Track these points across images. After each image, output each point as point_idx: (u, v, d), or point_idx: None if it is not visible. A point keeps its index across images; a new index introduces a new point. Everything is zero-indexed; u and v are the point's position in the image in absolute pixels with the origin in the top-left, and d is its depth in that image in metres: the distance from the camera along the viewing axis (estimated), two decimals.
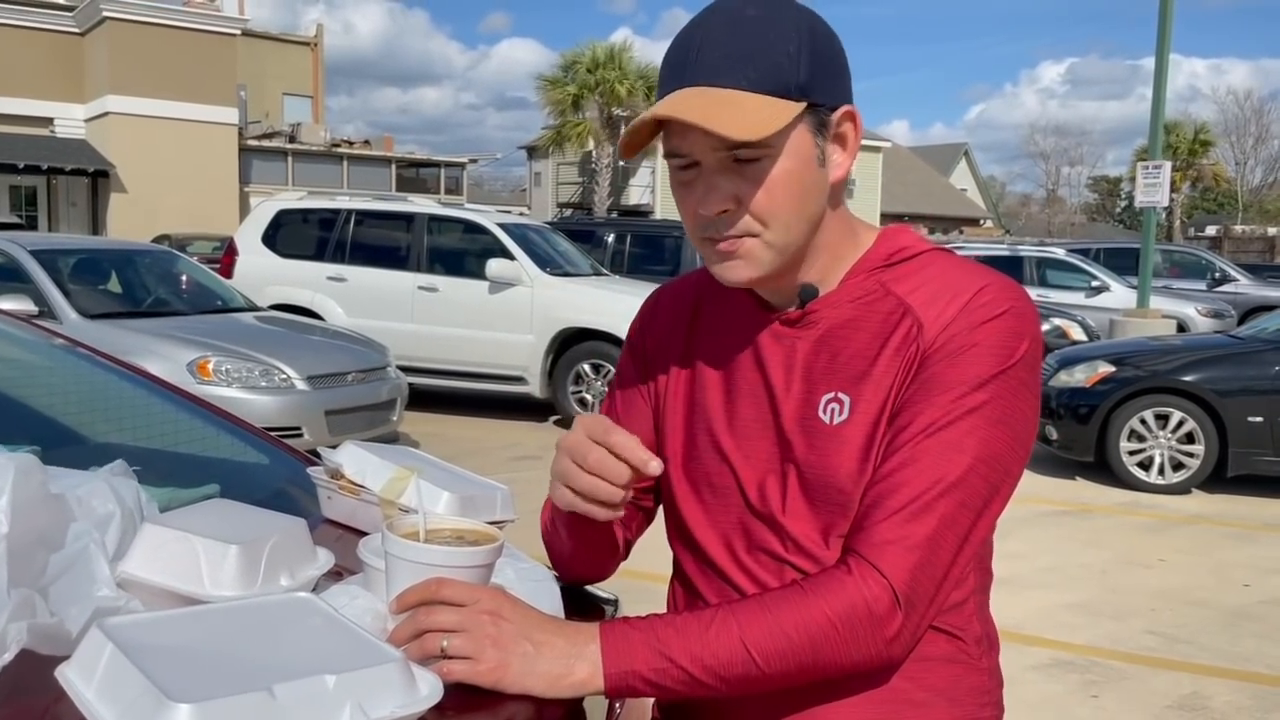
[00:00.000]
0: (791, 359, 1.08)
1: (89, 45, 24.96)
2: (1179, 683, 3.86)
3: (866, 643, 0.96)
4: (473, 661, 0.94)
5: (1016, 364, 1.00)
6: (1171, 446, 6.85)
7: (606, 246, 11.43)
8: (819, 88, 1.00)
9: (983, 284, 1.03)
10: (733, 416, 1.12)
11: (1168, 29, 10.80)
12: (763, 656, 0.95)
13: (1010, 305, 1.01)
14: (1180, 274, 16.97)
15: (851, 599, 0.96)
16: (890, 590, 0.96)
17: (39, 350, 2.20)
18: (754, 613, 0.97)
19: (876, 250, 1.09)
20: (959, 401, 0.98)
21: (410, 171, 30.91)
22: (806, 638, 0.96)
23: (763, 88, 0.97)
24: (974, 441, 0.98)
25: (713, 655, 0.96)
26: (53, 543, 1.00)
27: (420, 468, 1.33)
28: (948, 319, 1.01)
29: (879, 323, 1.05)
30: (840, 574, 0.98)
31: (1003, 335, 1.00)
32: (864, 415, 1.03)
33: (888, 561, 0.96)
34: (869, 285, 1.07)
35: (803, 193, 1.01)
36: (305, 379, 6.25)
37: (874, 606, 0.96)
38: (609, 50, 28.06)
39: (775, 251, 1.03)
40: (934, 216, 41.03)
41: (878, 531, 0.97)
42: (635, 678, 0.96)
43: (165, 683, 0.78)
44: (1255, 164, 52.36)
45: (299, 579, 1.10)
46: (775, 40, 0.98)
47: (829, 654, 0.96)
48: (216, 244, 18.05)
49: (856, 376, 1.04)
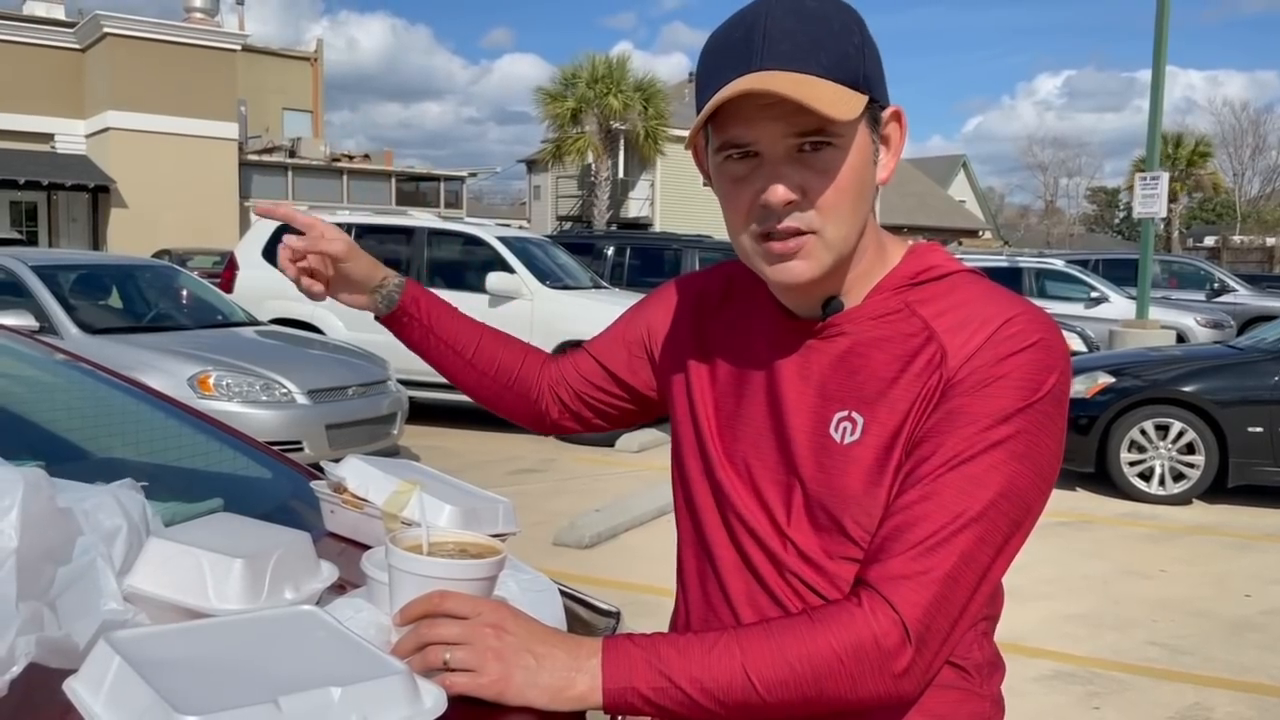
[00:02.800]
0: (807, 370, 1.06)
1: (90, 61, 25.04)
2: (1181, 694, 3.86)
3: (873, 678, 0.94)
4: (475, 674, 0.94)
5: (1043, 398, 0.97)
6: (1172, 457, 6.85)
7: (606, 259, 11.44)
8: (876, 84, 0.99)
9: (1011, 314, 0.99)
10: (735, 416, 1.11)
11: (1164, 41, 10.84)
12: (764, 685, 0.94)
13: (1039, 337, 0.98)
14: (1179, 284, 16.99)
15: (859, 632, 0.94)
16: (901, 625, 0.93)
17: (41, 366, 2.21)
18: (758, 640, 0.95)
19: (904, 267, 1.07)
20: (983, 435, 0.96)
21: (410, 185, 30.95)
22: (810, 669, 0.94)
23: (836, 75, 0.94)
24: (997, 477, 0.95)
25: (713, 679, 0.94)
26: (60, 556, 1.01)
27: (422, 481, 1.34)
28: (973, 349, 0.98)
29: (901, 344, 1.02)
30: (850, 606, 0.95)
31: (1030, 368, 0.97)
32: (876, 437, 1.01)
33: (901, 596, 0.94)
34: (893, 304, 1.05)
35: (861, 190, 1.00)
36: (306, 393, 6.26)
37: (882, 641, 0.93)
38: (608, 64, 28.14)
39: (833, 252, 1.00)
40: (933, 228, 41.07)
41: (893, 565, 0.95)
42: (634, 695, 0.95)
43: (172, 696, 0.79)
44: (1253, 174, 52.51)
45: (303, 592, 1.11)
46: (840, 31, 0.97)
47: (833, 687, 0.94)
48: (217, 258, 18.05)
49: (872, 397, 1.02)
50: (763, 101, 0.93)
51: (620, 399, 1.32)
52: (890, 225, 37.04)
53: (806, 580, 1.04)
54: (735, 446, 1.11)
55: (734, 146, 0.98)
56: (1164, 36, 10.83)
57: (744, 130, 0.97)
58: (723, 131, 0.98)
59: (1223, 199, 46.26)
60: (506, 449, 8.34)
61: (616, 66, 28.17)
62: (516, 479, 7.21)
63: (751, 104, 0.94)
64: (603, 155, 28.67)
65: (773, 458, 1.07)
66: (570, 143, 28.51)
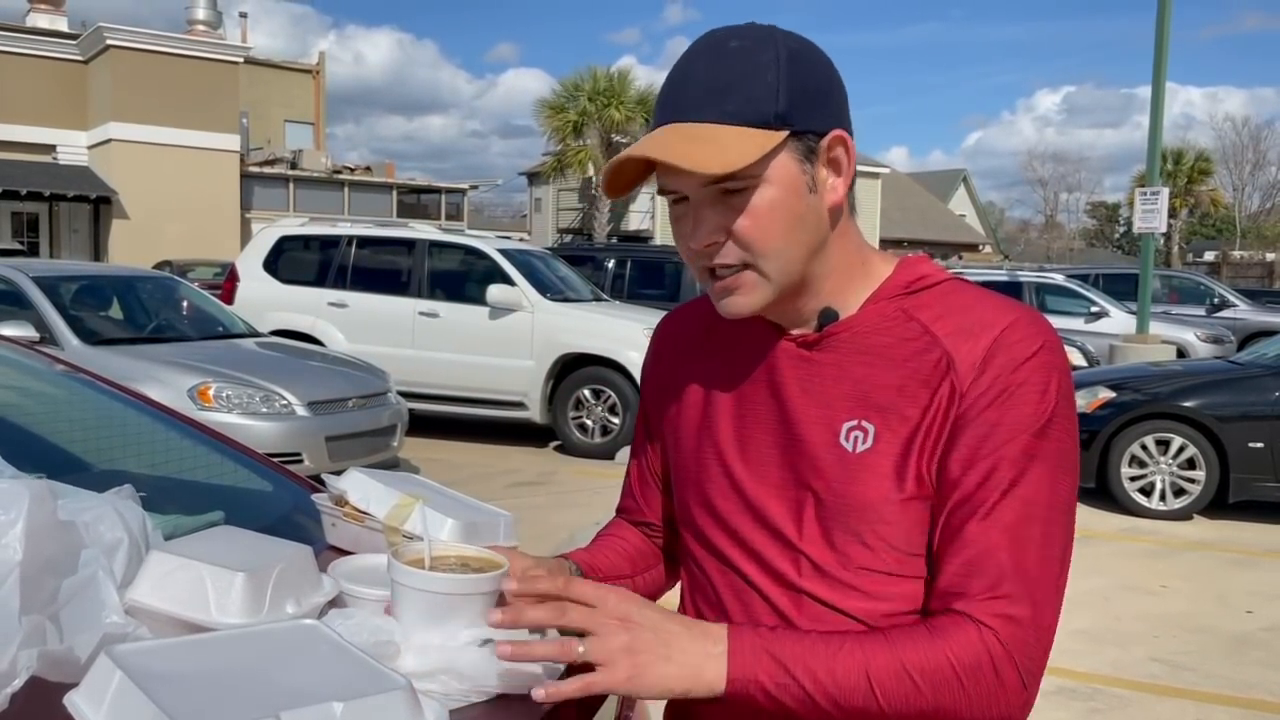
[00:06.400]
0: (810, 382, 1.07)
1: (92, 73, 25.12)
2: (1183, 710, 3.85)
3: (987, 702, 0.94)
4: (608, 670, 0.93)
5: (1061, 401, 1.00)
6: (1173, 472, 6.84)
7: (607, 272, 11.45)
8: (801, 115, 1.00)
9: (1011, 318, 1.02)
10: (744, 441, 1.11)
11: (1164, 57, 10.88)
12: (884, 693, 0.94)
13: (1044, 339, 1.01)
14: (1179, 299, 17.00)
15: (979, 656, 0.94)
16: (1014, 663, 0.95)
17: (41, 377, 2.21)
18: (880, 647, 0.95)
19: (896, 278, 1.09)
20: (1026, 452, 0.98)
21: (411, 197, 30.99)
22: (929, 682, 0.94)
23: (739, 119, 0.98)
24: (1054, 496, 0.98)
25: (835, 682, 0.94)
26: (63, 569, 1.01)
27: (424, 494, 1.33)
28: (981, 355, 1.00)
29: (904, 351, 1.04)
30: (965, 626, 0.95)
31: (1044, 370, 0.99)
32: (889, 444, 1.02)
33: (1010, 634, 0.95)
34: (890, 311, 1.07)
35: (792, 220, 1.01)
36: (306, 405, 6.26)
37: (1000, 668, 0.94)
38: (609, 77, 28.22)
39: (772, 282, 1.03)
40: (933, 242, 41.13)
41: (998, 604, 0.96)
42: (756, 686, 0.94)
43: (173, 710, 0.78)
44: (1253, 190, 52.64)
45: (305, 606, 1.11)
46: (752, 71, 0.99)
47: (950, 704, 0.94)
48: (218, 270, 18.08)
49: (882, 405, 1.03)
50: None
51: None
52: (891, 239, 37.26)
53: (819, 596, 1.04)
54: (746, 470, 1.10)
55: (666, 192, 1.04)
56: (1164, 53, 10.87)
57: (667, 179, 1.03)
58: (658, 178, 1.05)
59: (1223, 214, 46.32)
60: (506, 461, 8.33)
61: (618, 79, 28.25)
62: (516, 492, 7.20)
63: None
64: (604, 168, 28.67)
65: (777, 474, 1.08)
66: (572, 155, 28.57)
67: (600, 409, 8.58)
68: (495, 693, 1.03)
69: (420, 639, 1.02)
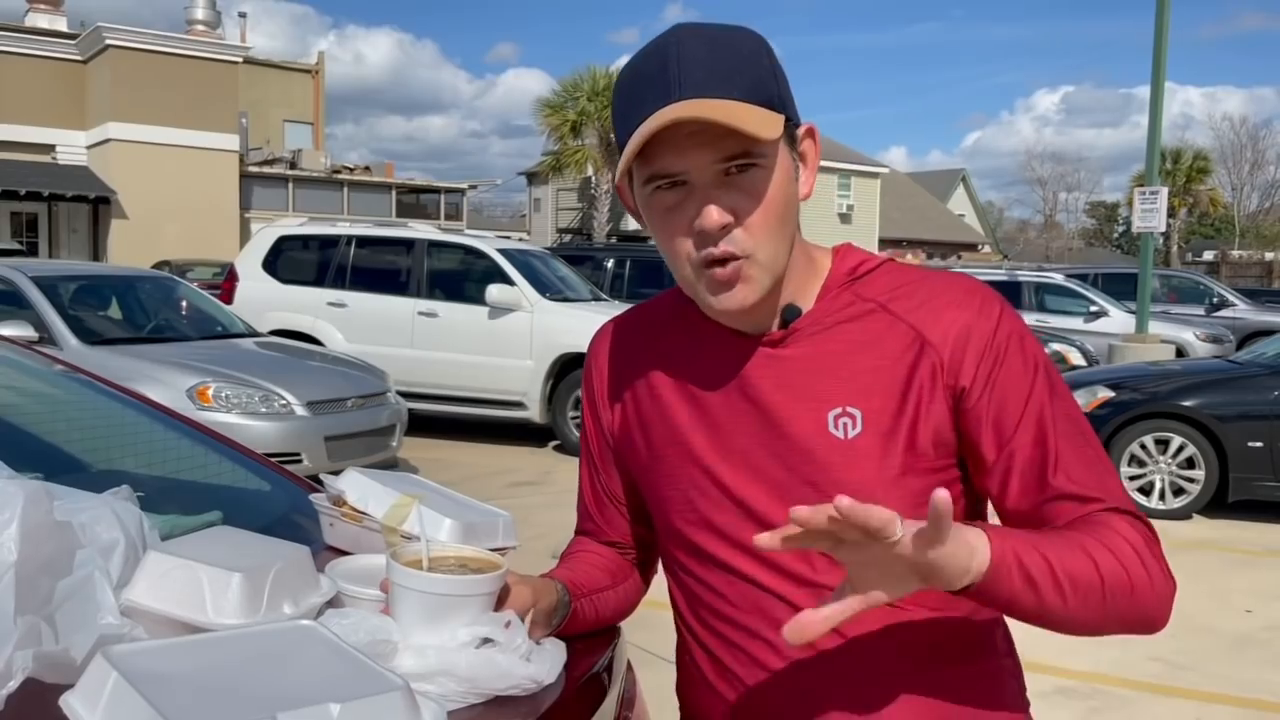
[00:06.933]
0: (784, 379, 1.07)
1: (91, 72, 25.11)
2: (1182, 710, 3.85)
3: (1163, 578, 1.00)
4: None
5: (1027, 335, 1.07)
6: (1172, 472, 6.84)
7: (606, 271, 11.45)
8: (789, 103, 1.03)
9: (946, 282, 1.08)
10: (726, 449, 1.10)
11: (1163, 57, 10.88)
12: (1104, 570, 0.96)
13: (990, 297, 1.07)
14: (1178, 299, 17.00)
15: (1142, 532, 1.00)
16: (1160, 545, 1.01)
17: (40, 377, 2.20)
18: (1077, 534, 0.98)
19: (839, 266, 1.11)
20: (1046, 391, 1.05)
21: (410, 197, 30.98)
22: (1125, 559, 0.97)
23: (753, 98, 0.98)
24: (1073, 404, 1.07)
25: (1062, 563, 0.94)
26: (58, 570, 1.01)
27: (422, 495, 1.33)
28: (956, 331, 1.05)
29: (869, 334, 1.07)
30: (1114, 516, 1.00)
31: (1009, 323, 1.06)
32: (877, 426, 1.04)
33: (1143, 523, 1.02)
34: (846, 298, 1.09)
35: (787, 207, 1.02)
36: (305, 405, 6.25)
37: (1155, 549, 1.00)
38: (609, 77, 28.22)
39: (769, 272, 1.03)
40: (932, 241, 41.13)
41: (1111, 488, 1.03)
42: (1014, 559, 0.91)
43: (169, 711, 0.78)
44: (1251, 189, 52.64)
45: (302, 607, 1.10)
46: (748, 55, 1.00)
47: (1141, 582, 0.98)
48: (217, 270, 18.08)
49: (863, 389, 1.04)
50: (689, 129, 0.96)
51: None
52: (890, 239, 37.25)
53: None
54: (736, 478, 1.09)
55: (663, 177, 1.00)
56: (1163, 52, 10.87)
57: (673, 159, 0.98)
58: (650, 163, 1.00)
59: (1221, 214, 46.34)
60: (505, 461, 8.33)
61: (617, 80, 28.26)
62: (515, 491, 7.20)
63: (678, 133, 0.96)
64: (603, 168, 28.72)
65: (771, 475, 1.07)
66: (570, 155, 28.58)
67: None
68: (493, 694, 1.03)
69: (418, 639, 1.01)
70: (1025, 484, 1.04)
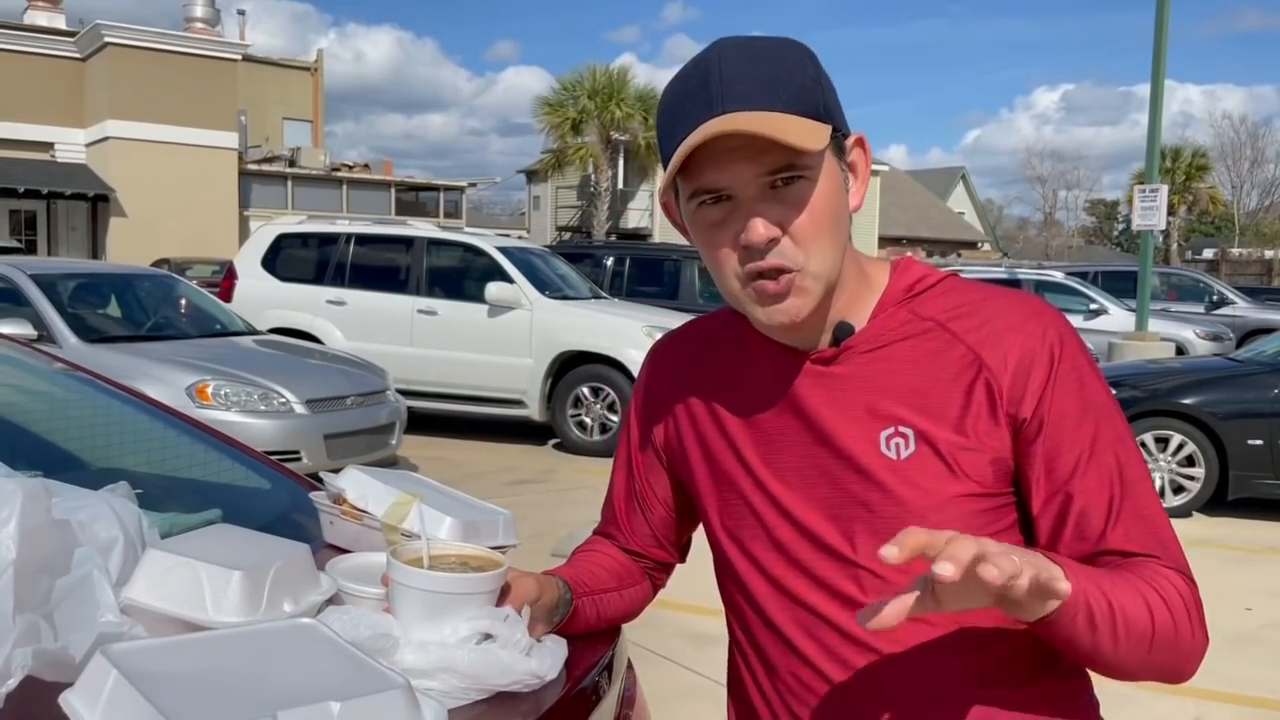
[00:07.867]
0: (836, 398, 1.05)
1: (90, 70, 25.09)
2: (1181, 708, 3.85)
3: (1200, 630, 0.99)
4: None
5: (1093, 368, 1.04)
6: (1172, 469, 6.84)
7: (605, 270, 11.45)
8: (836, 113, 1.01)
9: (1010, 303, 1.05)
10: (779, 467, 1.08)
11: (1163, 55, 10.88)
12: (1160, 625, 0.95)
13: (1055, 320, 1.04)
14: (1178, 297, 16.99)
15: (1188, 588, 0.99)
16: (1200, 608, 1.00)
17: (39, 375, 2.20)
18: (1133, 579, 0.97)
19: (897, 283, 1.08)
20: (1105, 432, 1.02)
21: (410, 195, 30.98)
22: (1172, 608, 0.96)
23: (797, 109, 0.96)
24: (1136, 450, 1.04)
25: (1128, 612, 0.94)
26: (57, 568, 1.00)
27: (422, 493, 1.33)
28: (1017, 357, 1.01)
29: (924, 352, 1.04)
30: (1165, 569, 0.99)
31: (1074, 344, 1.03)
32: (930, 446, 1.01)
33: (1191, 581, 1.01)
34: (902, 316, 1.06)
35: (837, 218, 1.00)
36: (304, 403, 6.25)
37: (1195, 608, 0.99)
38: (609, 75, 28.22)
39: (820, 283, 1.00)
40: (932, 240, 41.14)
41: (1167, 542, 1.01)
42: (1084, 598, 0.90)
43: (169, 710, 0.78)
44: (1251, 187, 52.64)
45: (302, 605, 1.10)
46: (794, 66, 0.98)
47: (1185, 630, 0.97)
48: (216, 268, 18.06)
49: (917, 409, 1.02)
50: (731, 144, 0.94)
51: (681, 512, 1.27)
52: (890, 237, 37.26)
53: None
54: (791, 496, 1.08)
55: (706, 192, 0.99)
56: (1163, 50, 10.87)
57: (716, 174, 0.97)
58: (694, 179, 0.98)
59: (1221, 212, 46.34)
60: (505, 459, 8.33)
61: (617, 77, 28.24)
62: (515, 490, 7.20)
63: (720, 147, 0.95)
64: (603, 166, 28.72)
65: (823, 494, 1.06)
66: (570, 153, 28.56)
67: (599, 406, 8.57)
68: (495, 689, 1.03)
69: (419, 637, 1.01)
70: (1079, 533, 1.01)
